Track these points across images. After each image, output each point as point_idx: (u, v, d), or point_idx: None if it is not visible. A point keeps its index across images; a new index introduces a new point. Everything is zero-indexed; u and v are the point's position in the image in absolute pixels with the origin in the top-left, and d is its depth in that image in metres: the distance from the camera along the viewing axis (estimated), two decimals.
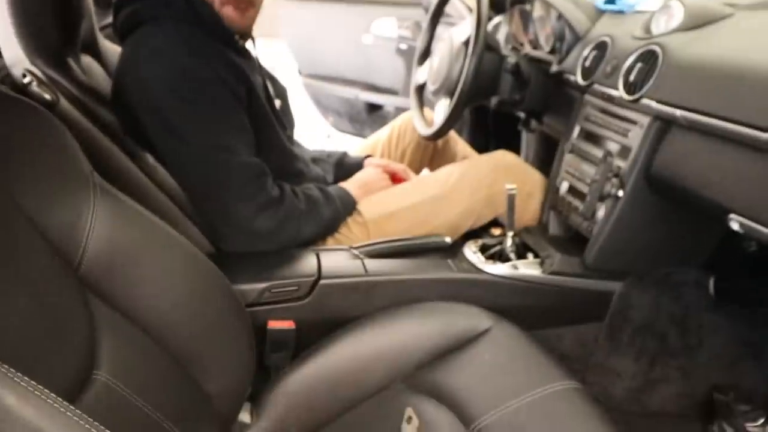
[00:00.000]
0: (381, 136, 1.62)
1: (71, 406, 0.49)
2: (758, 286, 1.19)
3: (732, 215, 0.86)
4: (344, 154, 1.48)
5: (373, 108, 2.72)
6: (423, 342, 0.99)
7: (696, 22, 1.03)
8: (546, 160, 1.39)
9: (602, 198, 1.06)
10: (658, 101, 0.97)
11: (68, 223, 0.76)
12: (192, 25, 1.09)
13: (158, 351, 0.81)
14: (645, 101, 1.00)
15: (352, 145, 1.64)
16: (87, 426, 0.48)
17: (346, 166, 1.44)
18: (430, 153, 1.61)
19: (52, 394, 0.49)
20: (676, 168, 0.96)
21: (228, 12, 1.11)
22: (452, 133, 1.60)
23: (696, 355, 1.17)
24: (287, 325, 1.02)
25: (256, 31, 1.23)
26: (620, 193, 1.04)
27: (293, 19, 2.88)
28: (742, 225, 0.85)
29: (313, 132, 3.32)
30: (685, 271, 1.15)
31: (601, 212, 1.08)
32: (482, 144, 1.86)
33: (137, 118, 1.08)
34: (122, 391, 0.70)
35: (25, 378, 0.48)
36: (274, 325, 1.02)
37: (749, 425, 1.10)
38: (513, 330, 1.00)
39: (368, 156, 1.49)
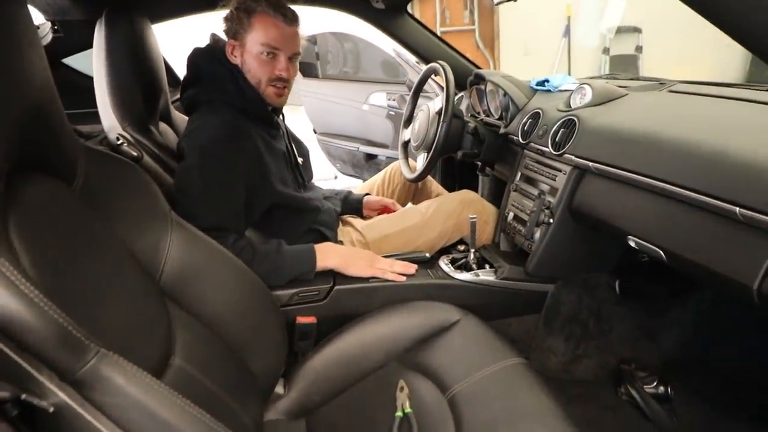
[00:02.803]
0: (377, 178, 1.63)
1: (165, 385, 0.50)
2: (651, 286, 1.21)
3: (630, 237, 0.89)
4: (349, 192, 1.48)
5: (370, 157, 2.71)
6: (410, 331, 1.00)
7: (601, 100, 1.07)
8: (497, 196, 1.41)
9: (538, 224, 1.08)
10: (576, 156, 1.00)
11: (152, 247, 0.76)
12: (238, 108, 1.07)
13: (217, 341, 0.81)
14: (567, 155, 1.03)
15: (355, 185, 1.64)
16: (178, 401, 0.49)
17: (350, 202, 1.44)
18: (413, 191, 1.62)
19: (150, 375, 0.50)
20: (590, 203, 0.99)
21: (270, 92, 1.10)
22: (429, 177, 1.62)
23: (608, 337, 1.18)
24: (310, 320, 1.03)
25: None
26: (551, 221, 1.07)
27: (311, 91, 2.91)
28: (637, 243, 0.88)
29: (325, 175, 3.34)
30: (598, 276, 1.17)
31: (537, 234, 1.11)
32: (451, 184, 1.87)
33: None
34: (192, 372, 0.70)
35: (130, 363, 0.49)
36: (301, 320, 1.02)
37: (646, 387, 1.11)
38: (476, 321, 1.01)
39: (367, 194, 1.49)
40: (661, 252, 0.82)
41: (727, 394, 1.14)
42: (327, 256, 1.06)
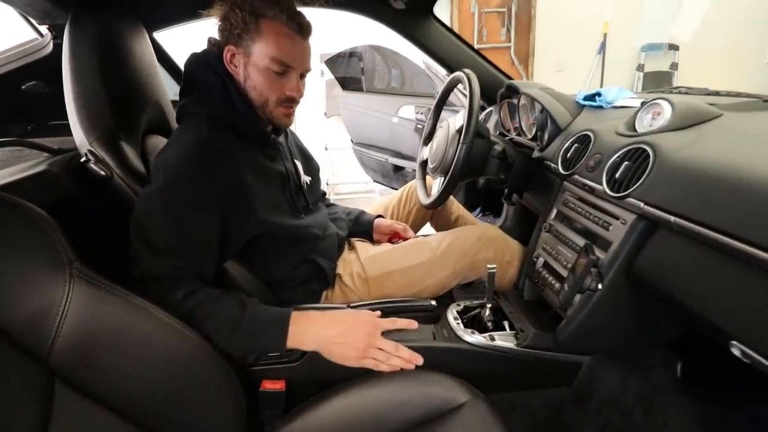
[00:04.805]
0: (393, 198, 1.24)
1: None
2: (723, 368, 0.76)
3: (734, 343, 0.46)
4: (362, 212, 1.12)
5: (398, 168, 2.30)
6: (401, 410, 0.63)
7: (684, 122, 0.62)
8: (524, 229, 1.00)
9: (581, 291, 0.66)
10: (647, 203, 0.57)
11: (38, 314, 0.45)
12: (226, 123, 0.74)
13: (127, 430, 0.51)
14: (632, 200, 0.60)
15: (368, 205, 1.27)
16: None
17: (361, 224, 1.08)
18: (432, 212, 1.21)
19: None
20: (662, 273, 0.56)
21: (278, 113, 0.77)
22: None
23: None
24: (278, 386, 0.68)
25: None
26: (599, 287, 0.64)
27: (347, 102, 2.53)
28: (745, 354, 0.45)
29: (365, 178, 2.96)
30: (653, 353, 0.73)
31: (576, 299, 0.69)
32: (474, 203, 1.45)
33: None
34: None
35: None
36: (266, 386, 0.68)
37: None
38: (485, 409, 0.62)
39: (379, 216, 1.12)
40: None
41: None
42: (303, 336, 0.68)
